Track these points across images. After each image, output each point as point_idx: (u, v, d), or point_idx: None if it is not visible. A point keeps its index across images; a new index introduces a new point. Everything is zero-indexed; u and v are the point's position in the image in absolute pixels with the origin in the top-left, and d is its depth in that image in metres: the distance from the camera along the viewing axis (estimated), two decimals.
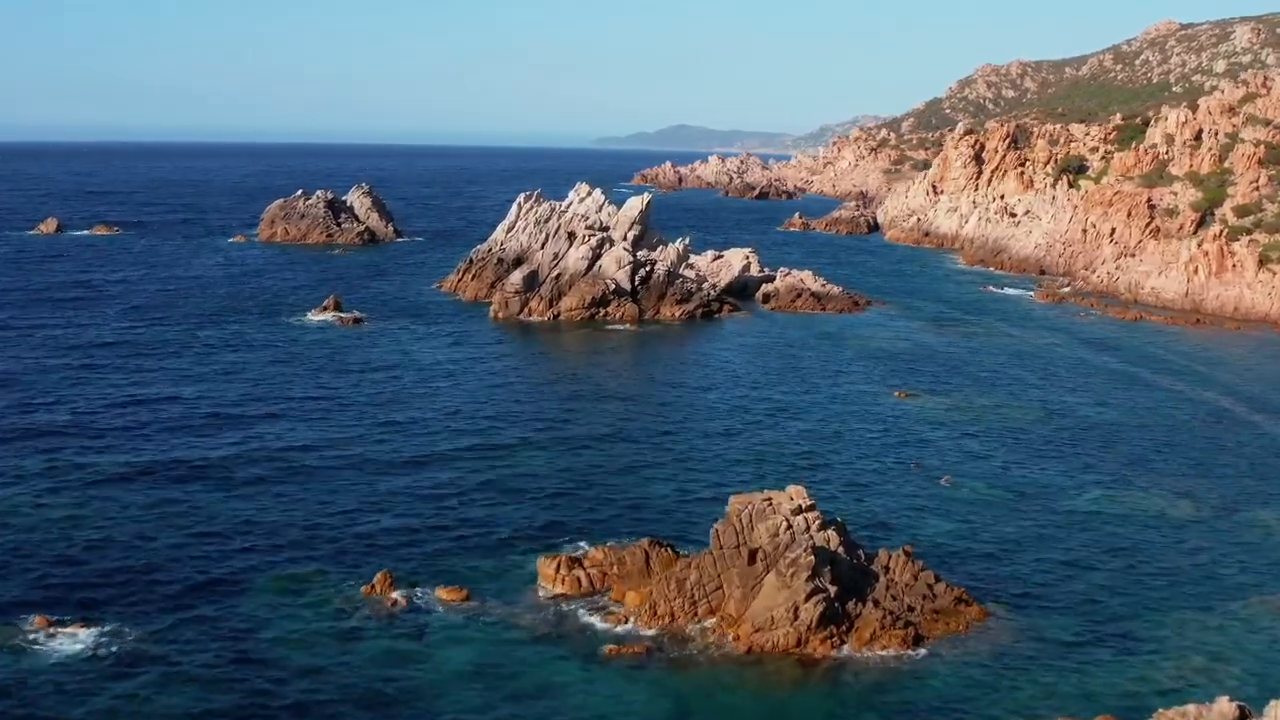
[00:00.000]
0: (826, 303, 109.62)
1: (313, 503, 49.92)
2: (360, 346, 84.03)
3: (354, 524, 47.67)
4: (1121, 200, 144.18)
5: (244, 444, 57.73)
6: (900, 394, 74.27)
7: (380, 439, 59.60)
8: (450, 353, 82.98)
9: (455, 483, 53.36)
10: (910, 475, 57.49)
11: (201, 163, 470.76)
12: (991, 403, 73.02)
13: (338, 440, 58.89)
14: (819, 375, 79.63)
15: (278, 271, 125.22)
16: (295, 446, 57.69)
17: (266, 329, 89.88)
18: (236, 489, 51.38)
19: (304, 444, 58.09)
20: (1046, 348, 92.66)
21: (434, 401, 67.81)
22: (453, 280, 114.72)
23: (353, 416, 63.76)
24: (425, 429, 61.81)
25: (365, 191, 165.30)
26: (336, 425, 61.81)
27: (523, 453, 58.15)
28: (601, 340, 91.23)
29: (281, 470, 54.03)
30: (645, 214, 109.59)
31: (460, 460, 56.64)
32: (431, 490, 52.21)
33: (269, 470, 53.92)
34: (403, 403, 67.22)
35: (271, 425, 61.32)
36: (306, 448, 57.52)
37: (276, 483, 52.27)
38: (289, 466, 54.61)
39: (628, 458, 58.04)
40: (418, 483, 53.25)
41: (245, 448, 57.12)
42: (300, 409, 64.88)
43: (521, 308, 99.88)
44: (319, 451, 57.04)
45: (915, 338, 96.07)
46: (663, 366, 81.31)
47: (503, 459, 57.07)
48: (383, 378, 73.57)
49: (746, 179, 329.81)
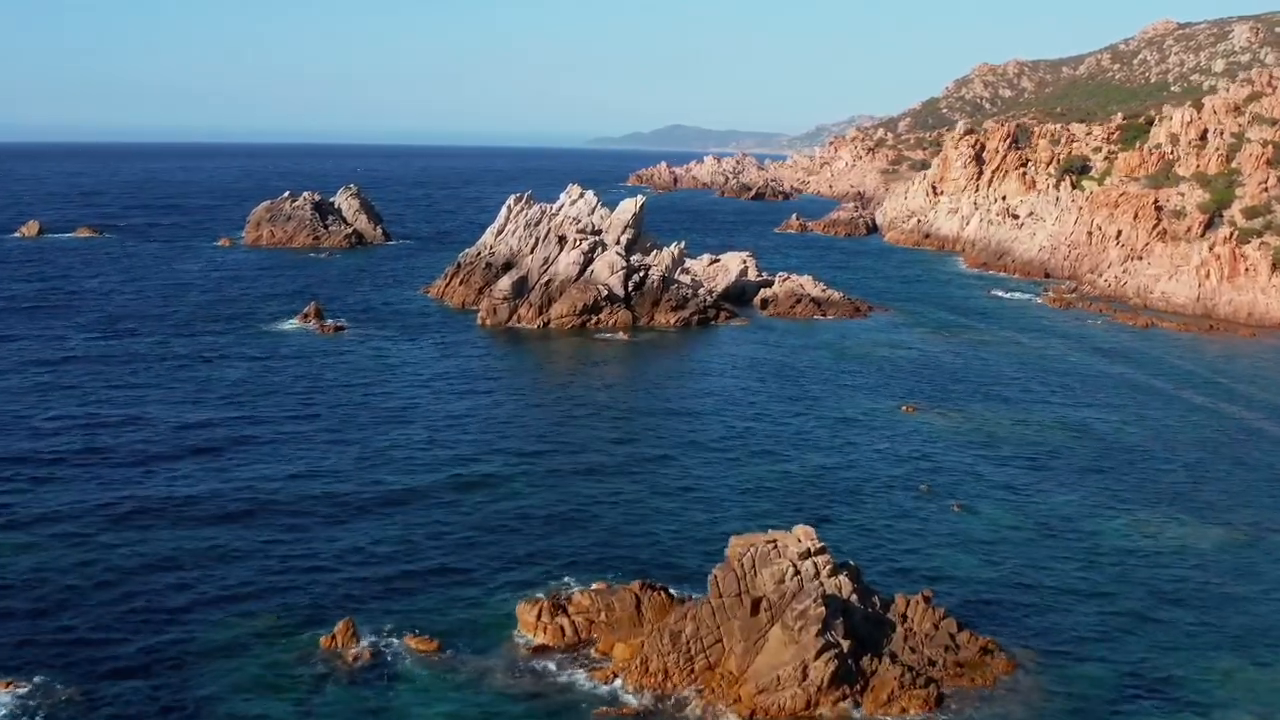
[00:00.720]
0: (827, 309, 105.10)
1: (273, 542, 45.17)
2: (339, 359, 79.36)
3: (317, 565, 43.06)
4: (1127, 202, 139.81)
5: (204, 476, 52.72)
6: (908, 408, 69.80)
7: (352, 468, 54.73)
8: (433, 365, 78.39)
9: (431, 516, 48.71)
10: (921, 501, 53.07)
11: (198, 163, 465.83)
12: (1005, 419, 68.56)
13: (305, 471, 53.75)
14: (821, 389, 75.12)
15: (260, 277, 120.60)
16: (259, 478, 52.78)
17: (242, 340, 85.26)
18: (191, 526, 46.61)
19: (268, 475, 53.14)
20: (1059, 357, 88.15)
21: (412, 423, 62.93)
22: (440, 285, 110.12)
23: (324, 443, 58.69)
24: (400, 455, 56.89)
25: (353, 193, 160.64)
26: (305, 453, 56.74)
27: (505, 482, 53.32)
28: (593, 350, 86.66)
29: (242, 506, 49.09)
30: (639, 217, 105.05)
31: (437, 491, 51.91)
32: (404, 526, 47.50)
33: (228, 506, 49.00)
34: (378, 425, 62.41)
35: (236, 454, 56.25)
36: (270, 479, 52.54)
37: (236, 520, 47.39)
38: (251, 501, 49.66)
39: (618, 486, 53.42)
40: (389, 517, 48.61)
41: (205, 482, 52.09)
42: (269, 434, 59.91)
43: (510, 315, 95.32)
44: (283, 484, 52.02)
45: (921, 346, 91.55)
46: (657, 381, 76.74)
47: (483, 489, 52.37)
48: (359, 396, 68.66)
49: (742, 179, 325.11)
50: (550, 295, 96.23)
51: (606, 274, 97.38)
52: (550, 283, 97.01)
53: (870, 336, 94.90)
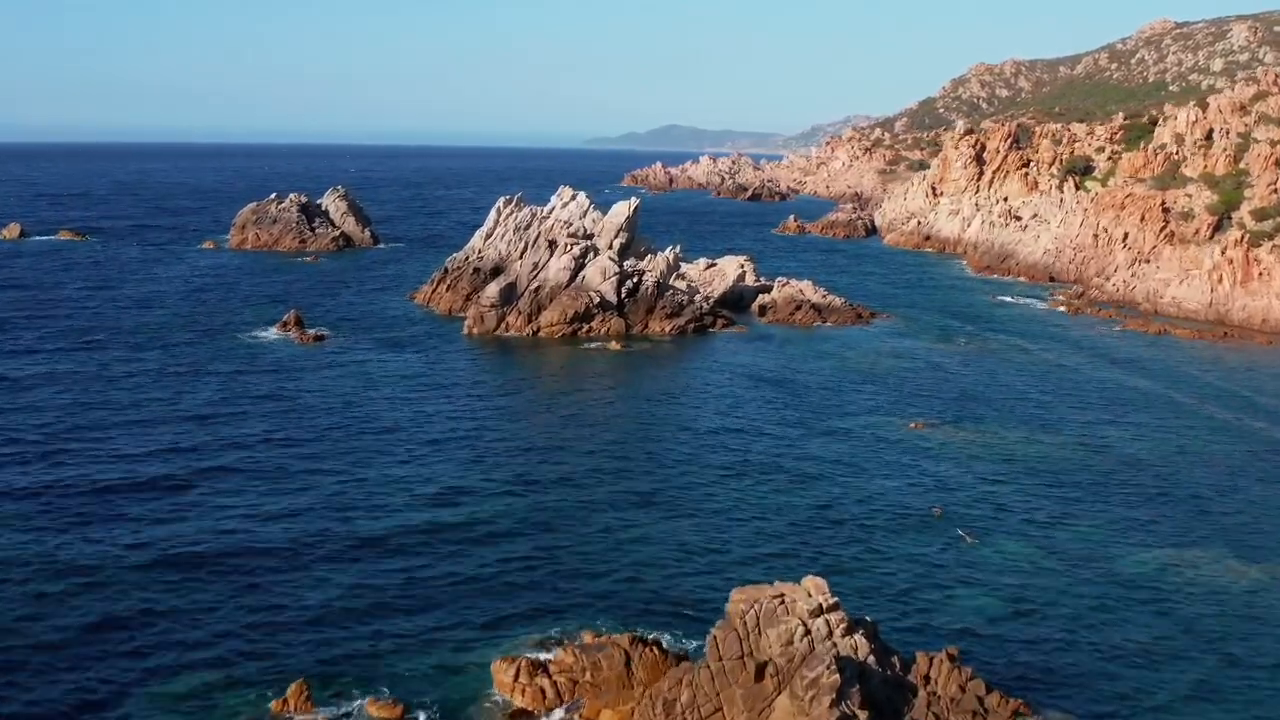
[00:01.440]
0: (828, 315, 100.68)
1: (227, 592, 40.31)
2: (317, 374, 74.74)
3: (273, 620, 38.47)
4: (1134, 203, 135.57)
5: (160, 514, 47.60)
6: (916, 425, 65.44)
7: (320, 506, 49.51)
8: (416, 380, 73.86)
9: (402, 562, 43.98)
10: (935, 532, 48.74)
11: (193, 163, 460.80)
12: (1019, 436, 64.23)
13: (268, 511, 48.31)
14: (824, 404, 70.75)
15: (241, 282, 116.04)
16: (219, 518, 47.69)
17: (216, 352, 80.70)
18: (140, 572, 41.75)
19: (229, 514, 47.78)
20: (1071, 368, 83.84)
21: (389, 453, 57.53)
22: (426, 291, 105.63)
23: (293, 474, 53.40)
24: (375, 489, 51.78)
25: (341, 195, 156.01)
26: (271, 487, 51.37)
27: (485, 521, 48.29)
28: (584, 362, 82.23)
29: (199, 549, 44.00)
30: (632, 220, 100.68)
31: (410, 532, 46.79)
32: (372, 573, 42.73)
33: (183, 550, 43.83)
34: (353, 453, 57.11)
35: (194, 490, 50.76)
36: (230, 518, 47.36)
37: (190, 566, 42.31)
38: (209, 544, 44.56)
39: (608, 521, 48.79)
40: (357, 563, 43.93)
41: (160, 521, 47.00)
42: (234, 463, 54.58)
43: (498, 323, 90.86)
44: (244, 525, 46.83)
45: (927, 356, 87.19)
46: (650, 398, 72.25)
47: (461, 528, 47.51)
48: (335, 418, 63.50)
49: (738, 180, 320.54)
50: (540, 302, 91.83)
51: (598, 280, 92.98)
52: (540, 289, 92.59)
53: (873, 345, 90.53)
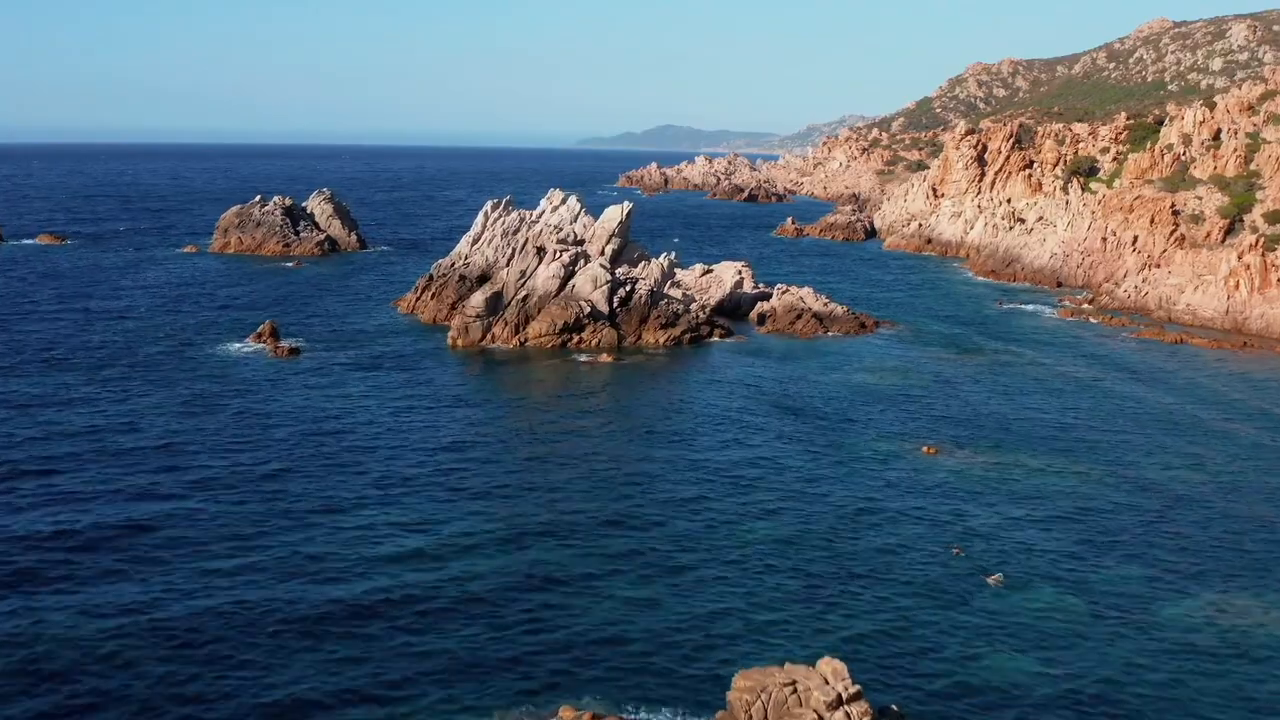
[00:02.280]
0: (830, 324, 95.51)
1: (150, 681, 34.17)
2: (288, 392, 69.31)
3: (191, 715, 33.09)
4: (1143, 206, 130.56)
5: (81, 586, 40.26)
6: (929, 449, 60.28)
7: (272, 566, 42.71)
8: (393, 398, 68.51)
9: (370, 630, 38.54)
10: (958, 575, 43.64)
11: (187, 164, 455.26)
12: (1040, 462, 59.08)
13: (208, 578, 41.15)
14: (829, 424, 65.56)
15: (219, 289, 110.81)
16: (150, 587, 40.91)
17: (183, 367, 75.36)
18: (47, 665, 36.04)
19: (162, 581, 40.77)
20: (1089, 383, 78.67)
21: (356, 491, 51.14)
22: (410, 299, 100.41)
23: (249, 523, 46.64)
24: (337, 542, 45.18)
25: (326, 197, 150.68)
26: (220, 546, 44.02)
27: (456, 582, 42.26)
28: (573, 377, 76.99)
29: (124, 629, 37.24)
30: (625, 225, 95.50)
31: (378, 593, 40.85)
32: (321, 652, 36.97)
33: (100, 629, 36.91)
34: (318, 495, 50.33)
35: (128, 547, 43.70)
36: (162, 586, 40.71)
37: (105, 661, 35.64)
38: (135, 622, 37.64)
39: (597, 579, 43.22)
40: (306, 642, 38.33)
41: (82, 589, 39.90)
42: (177, 512, 47.42)
43: (484, 334, 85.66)
44: (177, 598, 40.23)
45: (935, 369, 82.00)
46: (643, 418, 66.92)
47: (436, 584, 41.78)
48: (301, 446, 57.20)
49: (735, 181, 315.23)
50: (528, 312, 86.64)
51: (589, 289, 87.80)
52: (528, 298, 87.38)
53: (878, 358, 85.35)
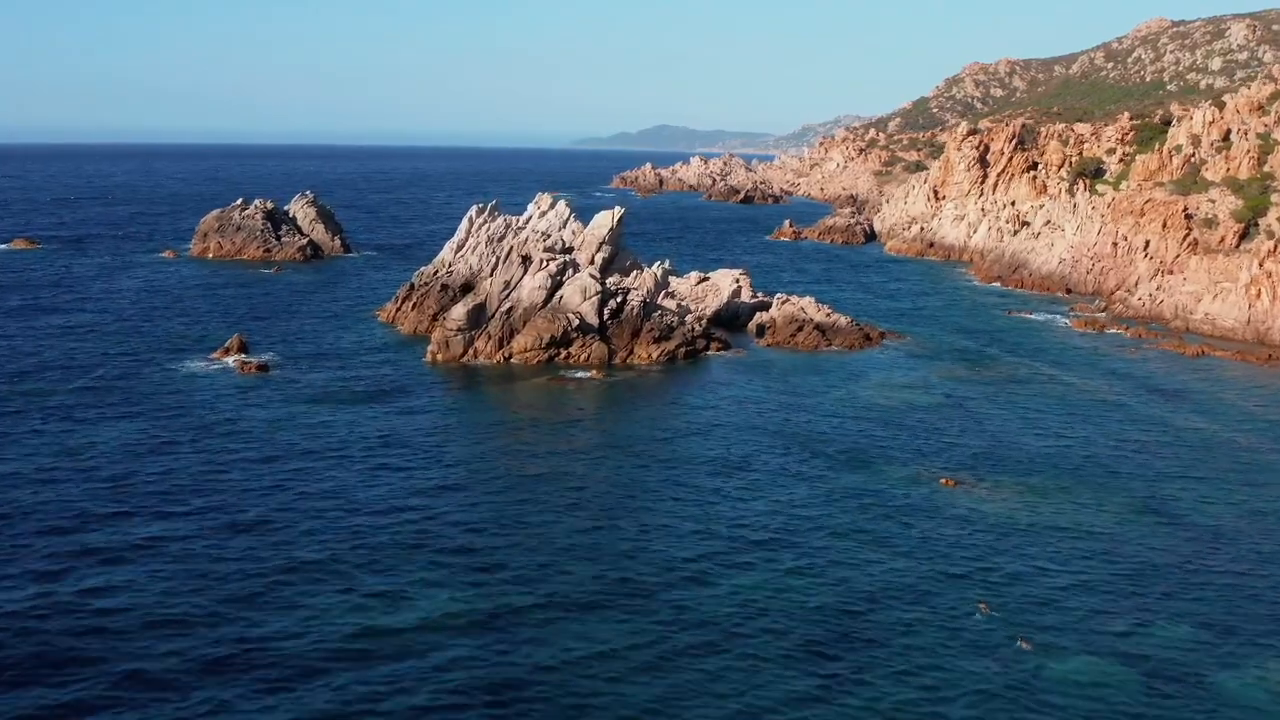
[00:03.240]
0: (833, 336, 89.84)
1: None
2: (249, 419, 63.18)
3: None
4: (1154, 209, 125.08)
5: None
6: (947, 481, 54.72)
7: (208, 631, 37.71)
8: (363, 422, 62.66)
9: (327, 699, 33.24)
10: (984, 636, 38.08)
11: (184, 165, 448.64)
12: (1069, 496, 53.49)
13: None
14: (835, 452, 59.84)
15: (193, 298, 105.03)
16: (61, 671, 36.96)
17: (141, 386, 69.55)
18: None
19: (72, 670, 36.42)
20: (1113, 402, 73.02)
21: (312, 553, 45.44)
22: (391, 309, 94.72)
23: (183, 582, 41.04)
24: (284, 601, 39.49)
25: (309, 200, 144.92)
26: (140, 636, 37.69)
27: (423, 652, 36.67)
28: (559, 399, 71.20)
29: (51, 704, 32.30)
30: (616, 232, 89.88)
31: (324, 680, 35.89)
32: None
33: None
34: (271, 547, 43.97)
35: (48, 617, 38.89)
36: (71, 667, 35.74)
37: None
38: (65, 694, 32.71)
39: (578, 643, 37.62)
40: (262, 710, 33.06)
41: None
42: (107, 560, 42.16)
43: (465, 349, 79.99)
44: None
45: (946, 387, 76.35)
46: (633, 443, 61.19)
47: (397, 655, 36.58)
48: (256, 480, 51.50)
49: (730, 182, 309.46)
50: (512, 325, 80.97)
51: (578, 300, 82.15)
52: (512, 311, 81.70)
53: (886, 374, 79.69)
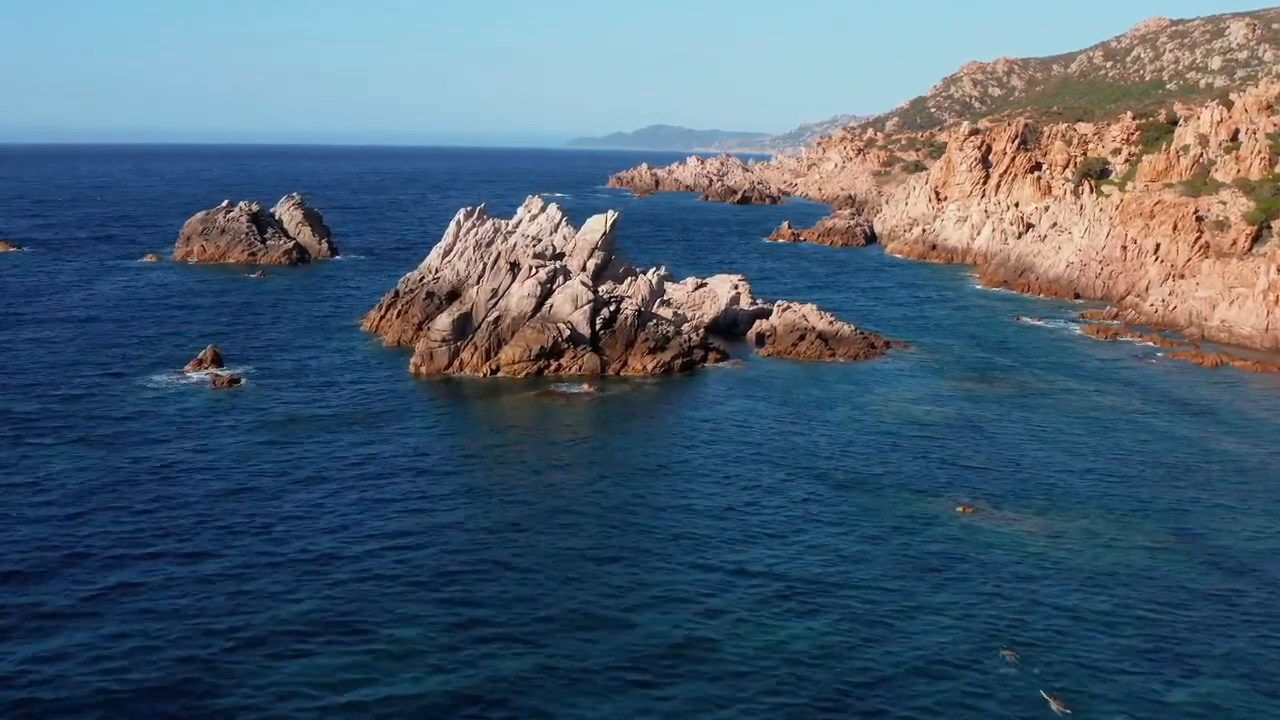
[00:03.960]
0: (836, 346, 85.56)
1: None
2: (216, 438, 58.94)
3: None
4: (1164, 211, 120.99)
5: None
6: (964, 509, 50.55)
7: (164, 704, 34.00)
8: (339, 449, 58.13)
9: None
10: (1011, 693, 33.91)
11: (178, 165, 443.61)
12: (1094, 526, 49.28)
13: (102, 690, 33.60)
14: (843, 475, 55.59)
15: (172, 305, 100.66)
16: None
17: (104, 403, 65.17)
18: None
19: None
20: (1134, 419, 68.74)
21: (286, 589, 42.50)
22: (374, 317, 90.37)
23: (129, 638, 37.95)
24: (251, 670, 35.39)
25: (296, 203, 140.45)
26: (106, 682, 35.70)
27: (400, 701, 32.60)
28: (549, 414, 66.89)
29: None
30: (609, 237, 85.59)
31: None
32: None
33: None
34: (236, 600, 41.26)
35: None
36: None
37: None
38: None
39: (561, 702, 33.72)
40: None
41: None
42: (61, 640, 39.36)
43: (450, 361, 75.71)
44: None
45: (956, 401, 72.09)
46: (626, 473, 56.70)
47: None
48: (214, 515, 47.22)
49: (727, 182, 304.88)
50: (500, 336, 76.69)
51: (569, 309, 77.89)
52: (500, 320, 77.39)
53: (892, 387, 75.40)
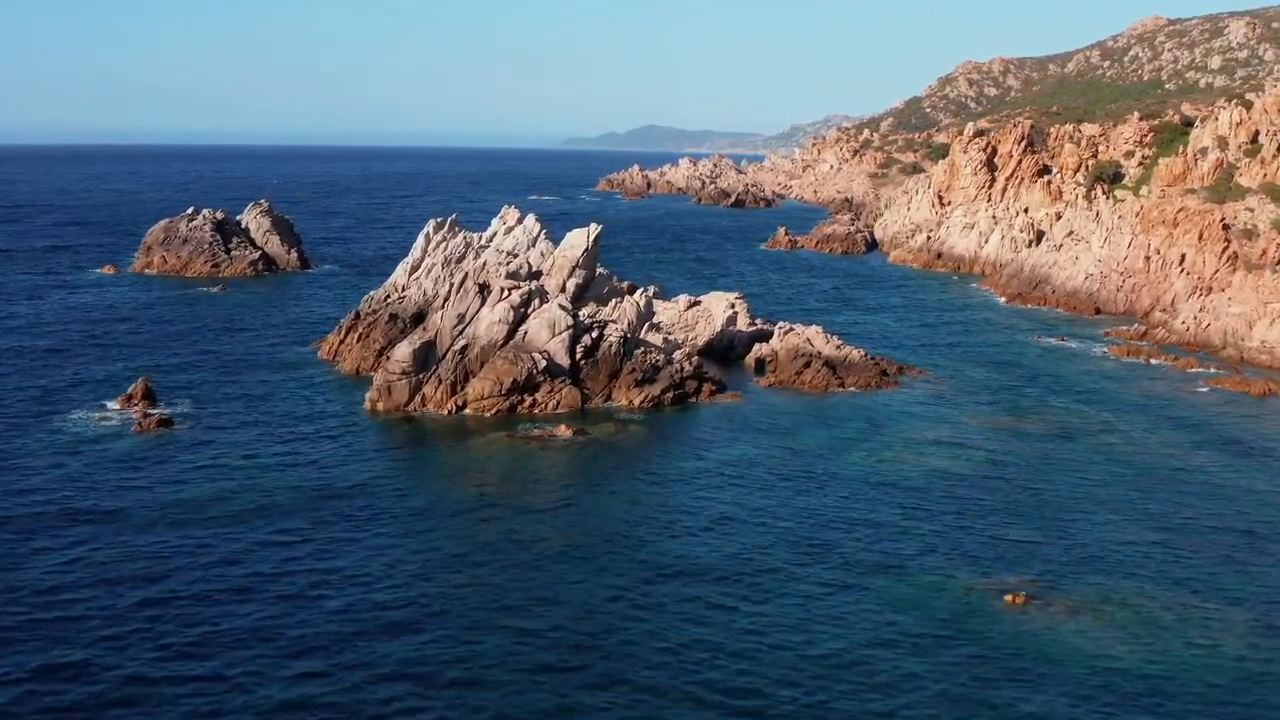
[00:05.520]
0: (845, 374, 76.11)
1: None
2: (130, 507, 49.50)
3: None
4: (1189, 219, 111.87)
5: None
6: (1014, 599, 41.17)
7: None
8: (272, 515, 48.84)
9: None
10: None
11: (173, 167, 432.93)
12: (1175, 619, 39.91)
13: None
14: (860, 545, 46.12)
15: (117, 324, 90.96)
16: None
17: (19, 452, 55.68)
18: None
19: None
20: (1185, 463, 59.11)
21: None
22: (332, 342, 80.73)
23: None
24: None
25: (263, 210, 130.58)
26: None
27: None
28: (520, 464, 57.31)
29: None
30: (592, 253, 76.15)
31: None
32: None
33: None
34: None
35: None
36: None
37: None
38: None
39: None
40: None
41: None
42: None
43: (411, 396, 66.16)
44: None
45: (985, 443, 62.45)
46: (607, 543, 47.54)
47: None
48: (128, 631, 38.46)
49: (720, 185, 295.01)
50: (467, 367, 67.18)
51: (545, 336, 68.42)
52: (467, 350, 67.84)
53: (911, 425, 65.81)
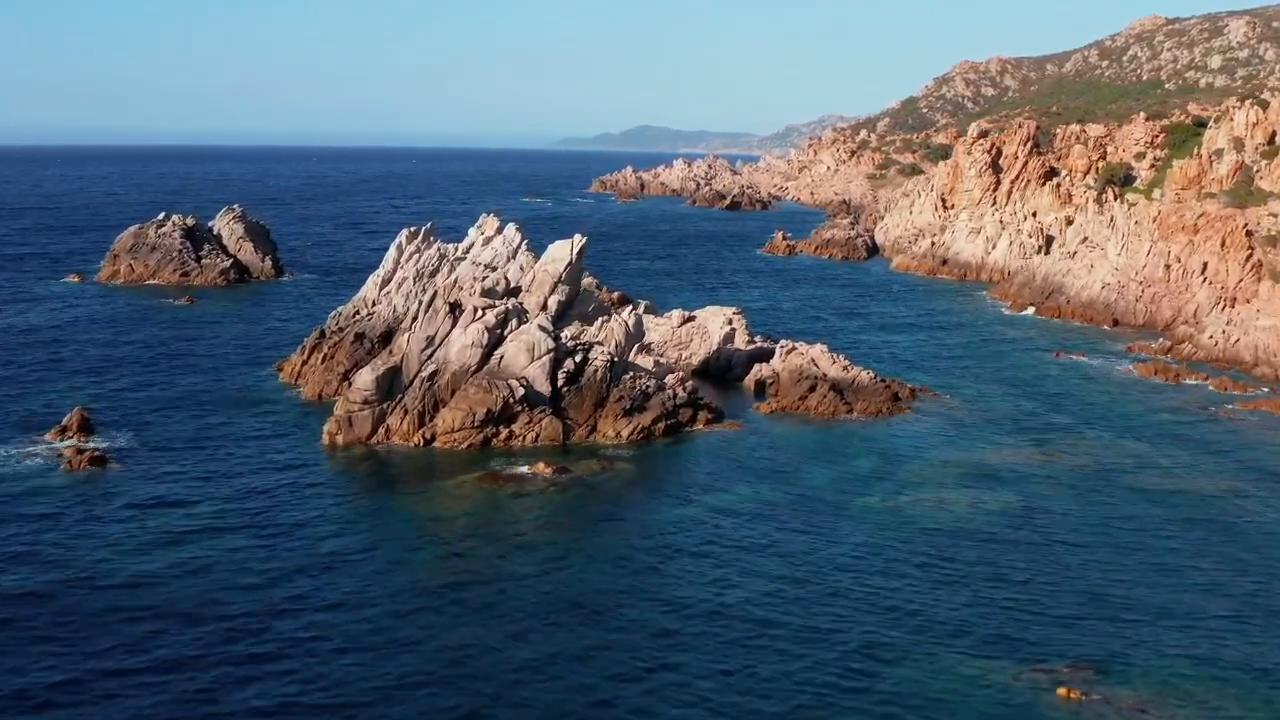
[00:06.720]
0: (853, 398, 69.07)
1: None
2: (42, 561, 42.77)
3: None
4: (1210, 225, 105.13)
5: None
6: (1067, 693, 34.31)
7: None
8: (209, 576, 41.92)
9: None
10: None
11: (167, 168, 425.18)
12: (1245, 707, 33.24)
13: None
14: (878, 619, 39.31)
15: (69, 340, 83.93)
16: None
17: None
18: None
19: None
20: (1243, 509, 52.28)
21: None
22: (295, 362, 73.64)
23: None
24: None
25: (236, 216, 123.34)
26: None
27: None
28: (492, 511, 50.23)
29: None
30: (576, 268, 69.08)
31: None
32: None
33: None
34: None
35: None
36: None
37: None
38: None
39: None
40: None
41: None
42: None
43: (374, 428, 59.08)
44: None
45: (1016, 485, 55.07)
46: (586, 612, 40.73)
47: None
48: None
49: (715, 186, 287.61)
50: (437, 396, 60.13)
51: (524, 361, 61.38)
52: (437, 376, 60.76)
53: (929, 462, 58.51)
